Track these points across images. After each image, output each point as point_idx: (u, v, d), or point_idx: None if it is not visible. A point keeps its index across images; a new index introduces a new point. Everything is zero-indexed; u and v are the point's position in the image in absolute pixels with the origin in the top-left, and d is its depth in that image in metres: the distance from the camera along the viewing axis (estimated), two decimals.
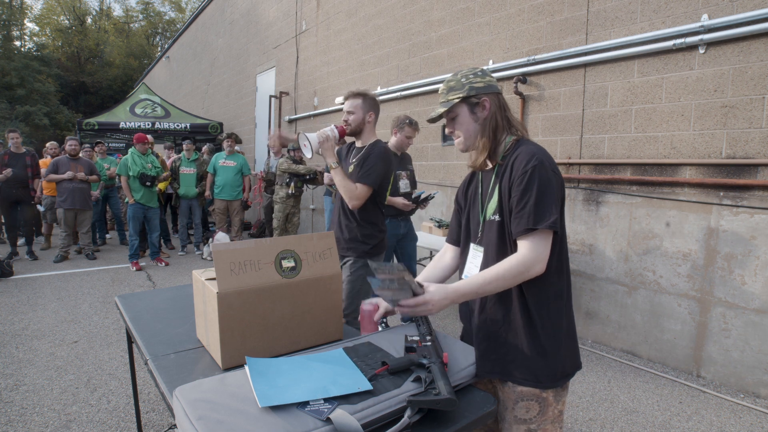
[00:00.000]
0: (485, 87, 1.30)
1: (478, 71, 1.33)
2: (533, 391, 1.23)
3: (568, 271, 1.30)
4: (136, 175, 5.66)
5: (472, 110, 1.31)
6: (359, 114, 2.38)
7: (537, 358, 1.22)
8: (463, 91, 1.30)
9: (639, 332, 3.39)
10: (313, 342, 1.47)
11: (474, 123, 1.32)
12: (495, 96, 1.31)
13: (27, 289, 4.88)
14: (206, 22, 12.97)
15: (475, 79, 1.31)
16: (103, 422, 2.42)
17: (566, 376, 1.25)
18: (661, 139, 3.23)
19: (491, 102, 1.30)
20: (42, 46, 31.42)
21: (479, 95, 1.30)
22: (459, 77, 1.33)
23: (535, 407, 1.23)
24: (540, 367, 1.22)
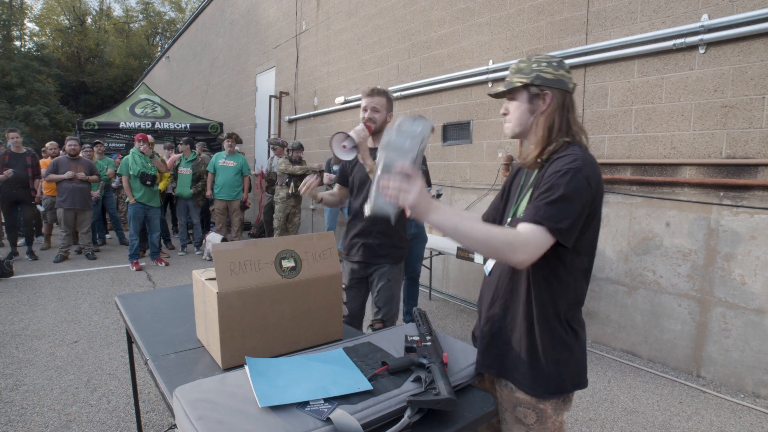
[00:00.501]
0: (554, 80, 1.20)
1: (555, 62, 1.22)
2: (529, 399, 1.19)
3: (582, 298, 1.22)
4: (137, 174, 5.66)
5: (531, 100, 1.22)
6: (383, 113, 2.22)
7: (532, 366, 1.18)
8: (529, 77, 1.21)
9: (639, 332, 3.39)
10: (313, 342, 1.47)
11: (528, 114, 1.23)
12: (561, 93, 1.20)
13: (27, 289, 4.88)
14: (206, 22, 12.97)
15: (547, 68, 1.20)
16: (103, 422, 2.42)
17: (563, 391, 1.19)
18: (661, 139, 3.23)
19: (554, 98, 1.20)
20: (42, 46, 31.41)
21: (543, 87, 1.20)
22: (531, 61, 1.23)
23: (532, 416, 1.20)
24: (534, 376, 1.18)
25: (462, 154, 4.79)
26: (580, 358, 1.22)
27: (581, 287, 1.21)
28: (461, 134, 4.79)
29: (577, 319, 1.21)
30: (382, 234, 2.27)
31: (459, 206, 4.86)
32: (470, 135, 4.66)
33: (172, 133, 9.93)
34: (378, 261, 2.29)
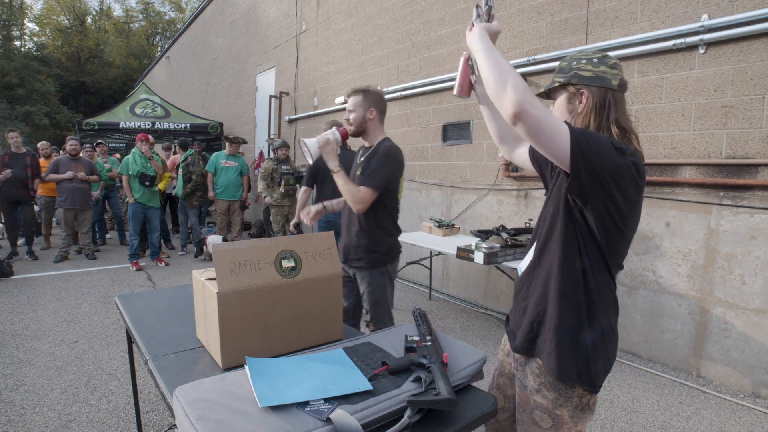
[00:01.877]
0: (593, 78, 1.15)
1: (596, 57, 1.18)
2: (546, 404, 1.19)
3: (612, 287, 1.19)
4: (136, 175, 5.66)
5: (570, 99, 1.19)
6: (359, 112, 2.24)
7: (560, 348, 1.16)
8: (567, 76, 1.19)
9: (639, 332, 3.39)
10: (313, 342, 1.47)
11: (567, 114, 1.20)
12: (602, 91, 1.15)
13: (27, 289, 4.88)
14: (206, 22, 12.97)
15: (586, 66, 1.17)
16: (103, 422, 2.42)
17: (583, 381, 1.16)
18: (661, 139, 3.23)
19: (591, 97, 1.15)
20: (42, 46, 31.41)
21: (580, 85, 1.17)
22: (572, 59, 1.20)
23: (548, 421, 1.19)
24: (559, 358, 1.16)
25: (462, 154, 4.79)
26: (609, 355, 1.19)
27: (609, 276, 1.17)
28: (461, 134, 4.79)
29: (609, 312, 1.18)
30: (357, 235, 2.27)
31: (459, 206, 4.86)
32: (470, 135, 4.66)
33: (172, 133, 9.93)
34: (355, 264, 2.31)
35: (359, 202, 2.14)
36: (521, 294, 1.30)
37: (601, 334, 1.16)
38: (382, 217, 2.26)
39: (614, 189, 1.05)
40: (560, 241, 1.16)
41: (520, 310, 1.30)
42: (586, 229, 1.13)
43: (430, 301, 4.82)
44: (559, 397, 1.18)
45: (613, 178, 1.04)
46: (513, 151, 1.48)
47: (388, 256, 2.31)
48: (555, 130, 1.01)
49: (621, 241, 1.14)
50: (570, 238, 1.15)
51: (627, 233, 1.14)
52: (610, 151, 1.03)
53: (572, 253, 1.15)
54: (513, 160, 1.50)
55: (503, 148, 1.49)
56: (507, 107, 1.01)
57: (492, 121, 1.47)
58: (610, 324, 1.19)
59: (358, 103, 2.25)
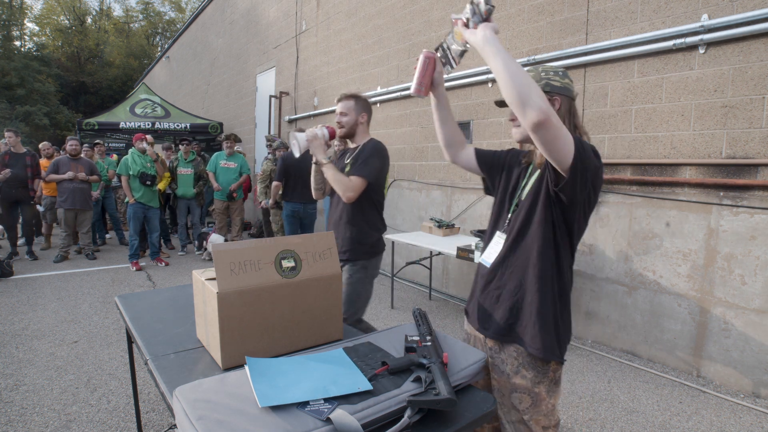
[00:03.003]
0: (561, 88, 1.29)
1: (560, 71, 1.32)
2: (525, 384, 1.28)
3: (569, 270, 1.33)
4: (136, 174, 5.66)
5: None
6: (352, 116, 2.39)
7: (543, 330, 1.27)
8: (541, 84, 1.29)
9: (639, 332, 3.39)
10: (313, 342, 1.47)
11: None
12: (567, 99, 1.30)
13: (27, 289, 4.88)
14: (206, 22, 12.97)
15: (555, 77, 1.30)
16: (103, 422, 2.42)
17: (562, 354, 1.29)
18: (661, 139, 3.23)
19: (563, 104, 1.29)
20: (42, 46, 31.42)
21: (553, 93, 1.28)
22: (540, 70, 1.32)
23: (527, 400, 1.28)
24: (543, 339, 1.27)
25: None
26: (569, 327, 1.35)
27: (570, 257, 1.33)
28: None
29: (569, 289, 1.33)
30: (343, 227, 2.38)
31: (459, 206, 4.86)
32: (470, 135, 4.66)
33: (172, 133, 9.93)
34: (342, 257, 2.39)
35: (350, 190, 2.23)
36: (493, 284, 1.39)
37: (569, 311, 1.32)
38: (369, 211, 2.38)
39: (591, 189, 1.22)
40: (538, 234, 1.28)
41: (491, 299, 1.39)
42: (563, 222, 1.26)
43: (430, 301, 4.82)
44: (537, 374, 1.28)
45: (593, 179, 1.20)
46: (458, 155, 1.60)
47: (373, 249, 2.41)
48: (566, 138, 1.11)
49: (584, 229, 1.31)
50: (547, 231, 1.27)
51: (588, 222, 1.31)
52: (592, 156, 1.17)
53: (548, 243, 1.27)
54: (457, 162, 1.61)
55: (449, 151, 1.60)
56: (532, 116, 1.05)
57: (443, 125, 1.55)
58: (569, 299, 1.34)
59: (350, 107, 2.39)
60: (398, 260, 5.47)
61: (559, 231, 1.26)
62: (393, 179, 5.74)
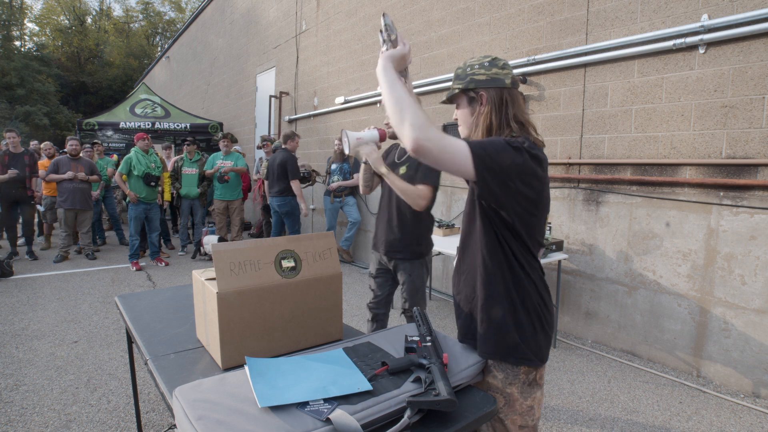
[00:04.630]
0: (488, 80, 1.24)
1: (486, 61, 1.26)
2: (497, 384, 1.27)
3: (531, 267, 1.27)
4: (141, 175, 5.65)
5: (470, 103, 1.29)
6: None
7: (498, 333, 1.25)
8: (464, 82, 1.27)
9: (639, 332, 3.39)
10: (313, 342, 1.47)
11: (470, 116, 1.30)
12: (498, 91, 1.24)
13: (27, 289, 4.88)
14: (206, 22, 12.97)
15: (480, 70, 1.26)
16: (103, 422, 2.42)
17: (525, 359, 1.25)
18: (661, 139, 3.23)
19: (489, 98, 1.24)
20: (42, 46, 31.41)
21: (477, 89, 1.25)
22: (465, 66, 1.29)
23: (501, 399, 1.27)
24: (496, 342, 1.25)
25: None
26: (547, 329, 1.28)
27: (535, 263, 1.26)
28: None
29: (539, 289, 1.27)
30: (400, 230, 2.44)
31: (459, 206, 4.86)
32: None
33: (172, 133, 9.93)
34: (397, 256, 2.47)
35: (423, 199, 2.24)
36: (455, 291, 1.41)
37: (535, 312, 1.25)
38: (425, 214, 2.44)
39: (520, 185, 1.13)
40: (481, 239, 1.26)
41: (457, 305, 1.40)
42: (502, 224, 1.21)
43: (430, 301, 4.82)
44: (507, 376, 1.26)
45: (517, 175, 1.12)
46: None
47: (427, 248, 2.50)
48: (454, 153, 1.07)
49: (536, 223, 1.22)
50: (489, 235, 1.24)
51: (539, 214, 1.22)
52: (508, 153, 1.11)
53: (493, 247, 1.24)
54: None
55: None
56: (407, 143, 1.07)
57: None
58: (542, 299, 1.27)
59: None
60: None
61: (502, 233, 1.22)
62: None
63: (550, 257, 3.47)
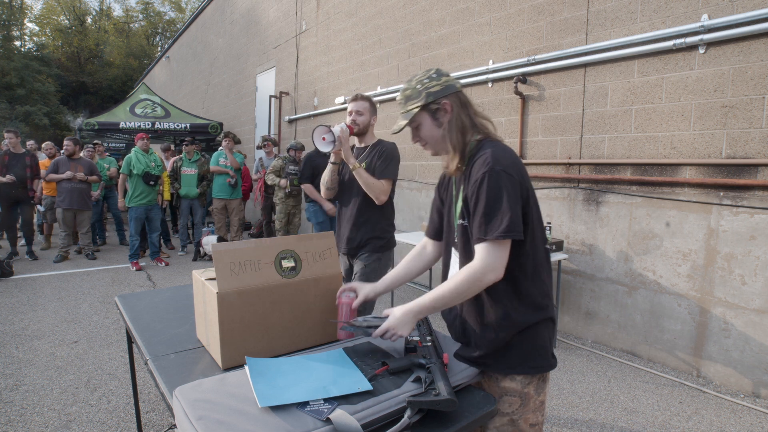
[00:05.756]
0: (443, 89, 1.27)
1: (433, 73, 1.30)
2: (515, 386, 1.25)
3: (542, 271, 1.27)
4: (141, 174, 5.65)
5: (434, 116, 1.29)
6: (367, 116, 2.48)
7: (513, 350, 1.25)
8: (421, 99, 1.28)
9: (639, 332, 3.39)
10: (313, 342, 1.47)
11: (438, 129, 1.30)
12: (455, 95, 1.28)
13: (27, 289, 4.88)
14: (206, 22, 12.97)
15: (431, 83, 1.28)
16: (103, 422, 2.42)
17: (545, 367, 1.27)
18: (661, 139, 3.23)
19: (452, 103, 1.28)
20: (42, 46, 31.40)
21: (438, 100, 1.27)
22: (414, 84, 1.30)
23: (517, 401, 1.26)
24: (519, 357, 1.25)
25: None
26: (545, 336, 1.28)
27: (533, 264, 1.24)
28: None
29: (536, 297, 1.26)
30: (363, 226, 2.48)
31: None
32: None
33: (172, 133, 9.93)
34: (357, 252, 2.50)
35: (383, 193, 2.37)
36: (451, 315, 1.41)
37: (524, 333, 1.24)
38: (387, 208, 2.50)
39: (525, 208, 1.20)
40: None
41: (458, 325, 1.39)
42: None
43: None
44: (526, 377, 1.26)
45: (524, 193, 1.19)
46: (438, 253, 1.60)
47: (388, 244, 2.53)
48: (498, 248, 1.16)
49: (532, 224, 1.22)
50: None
51: (533, 217, 1.22)
52: (509, 191, 1.16)
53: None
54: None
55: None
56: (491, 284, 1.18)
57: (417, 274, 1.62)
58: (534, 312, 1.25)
59: (366, 108, 2.49)
60: (398, 260, 5.46)
61: None
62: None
63: (550, 257, 3.47)
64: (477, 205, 1.18)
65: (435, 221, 1.50)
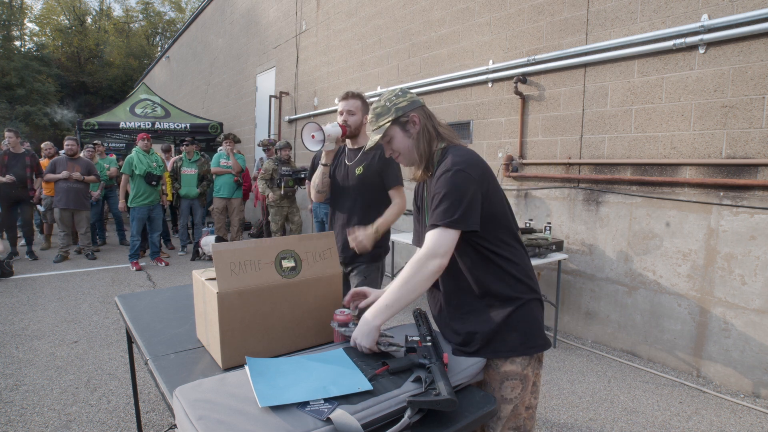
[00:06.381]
0: (410, 104, 1.40)
1: (398, 91, 1.43)
2: (515, 368, 1.31)
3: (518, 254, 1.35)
4: (143, 174, 5.65)
5: (404, 128, 1.40)
6: (359, 116, 2.33)
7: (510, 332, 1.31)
8: (391, 114, 1.39)
9: (639, 332, 3.39)
10: (313, 342, 1.47)
11: (408, 140, 1.41)
12: (421, 109, 1.41)
13: (27, 289, 4.88)
14: (206, 22, 12.97)
15: (398, 99, 1.40)
16: (103, 422, 2.42)
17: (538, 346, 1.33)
18: (661, 139, 3.23)
19: (419, 116, 1.39)
20: (42, 46, 31.38)
21: (407, 113, 1.39)
22: (383, 102, 1.42)
23: (518, 385, 1.31)
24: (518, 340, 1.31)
25: None
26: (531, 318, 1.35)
27: (510, 253, 1.33)
28: (461, 134, 4.79)
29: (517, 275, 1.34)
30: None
31: None
32: (470, 135, 4.66)
33: (172, 133, 9.93)
34: (354, 260, 2.38)
35: (401, 210, 2.31)
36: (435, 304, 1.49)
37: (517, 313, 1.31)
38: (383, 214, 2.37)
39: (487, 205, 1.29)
40: (458, 256, 1.35)
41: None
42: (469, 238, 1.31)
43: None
44: (525, 358, 1.32)
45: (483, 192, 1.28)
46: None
47: (383, 251, 2.44)
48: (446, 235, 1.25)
49: (497, 214, 1.32)
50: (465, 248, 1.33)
51: (496, 211, 1.31)
52: (467, 188, 1.25)
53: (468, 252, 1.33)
54: None
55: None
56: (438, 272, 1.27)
57: None
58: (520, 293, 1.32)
59: (358, 106, 2.35)
60: (398, 260, 5.47)
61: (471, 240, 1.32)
62: None
63: (550, 257, 3.47)
64: (434, 199, 1.28)
65: (417, 229, 1.57)
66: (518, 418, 1.33)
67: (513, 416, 1.32)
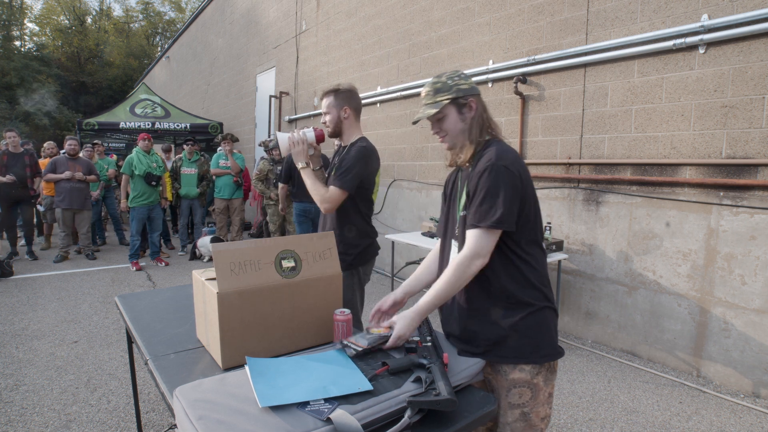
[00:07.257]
0: (470, 89, 1.39)
1: (461, 74, 1.41)
2: (524, 376, 1.28)
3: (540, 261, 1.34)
4: (143, 174, 5.65)
5: (460, 111, 1.39)
6: (334, 113, 2.23)
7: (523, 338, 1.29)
8: (451, 92, 1.37)
9: (639, 332, 3.39)
10: (313, 342, 1.47)
11: (461, 123, 1.39)
12: (478, 97, 1.41)
13: (27, 289, 4.88)
14: (206, 22, 12.97)
15: (461, 81, 1.38)
16: (103, 422, 2.42)
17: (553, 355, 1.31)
18: (661, 139, 3.23)
19: (477, 103, 1.39)
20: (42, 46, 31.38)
21: (466, 96, 1.37)
22: (444, 79, 1.39)
23: (528, 393, 1.28)
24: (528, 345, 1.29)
25: None
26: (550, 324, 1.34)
27: (532, 258, 1.32)
28: None
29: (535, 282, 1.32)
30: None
31: None
32: None
33: (172, 133, 9.93)
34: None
35: (326, 202, 2.11)
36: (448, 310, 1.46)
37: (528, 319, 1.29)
38: (355, 219, 2.22)
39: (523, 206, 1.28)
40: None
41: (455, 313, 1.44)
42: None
43: None
44: (534, 367, 1.29)
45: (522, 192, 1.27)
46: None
47: (359, 258, 2.23)
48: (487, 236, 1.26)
49: (530, 222, 1.31)
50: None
51: (528, 213, 1.29)
52: (508, 187, 1.24)
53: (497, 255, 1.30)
54: None
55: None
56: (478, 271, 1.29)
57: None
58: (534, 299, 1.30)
59: (330, 104, 2.24)
60: (398, 260, 5.47)
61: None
62: (393, 179, 5.74)
63: (550, 257, 3.47)
64: (476, 195, 1.27)
65: (443, 220, 1.55)
66: (534, 429, 1.30)
67: (528, 427, 1.29)
